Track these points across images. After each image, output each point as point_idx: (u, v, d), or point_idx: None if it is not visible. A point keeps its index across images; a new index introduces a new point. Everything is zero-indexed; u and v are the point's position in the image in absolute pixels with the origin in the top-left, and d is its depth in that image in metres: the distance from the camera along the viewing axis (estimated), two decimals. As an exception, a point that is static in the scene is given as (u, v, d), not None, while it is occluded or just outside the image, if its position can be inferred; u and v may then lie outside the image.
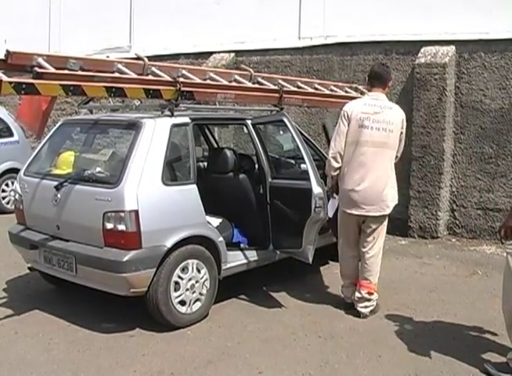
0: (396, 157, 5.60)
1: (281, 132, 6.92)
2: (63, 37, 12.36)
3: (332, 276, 6.79)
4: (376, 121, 5.40)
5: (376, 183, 5.41)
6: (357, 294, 5.60)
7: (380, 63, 6.89)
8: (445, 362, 4.67)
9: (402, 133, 5.55)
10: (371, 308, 5.61)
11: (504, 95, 8.39)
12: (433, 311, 5.76)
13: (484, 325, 5.35)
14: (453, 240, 8.66)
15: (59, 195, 5.35)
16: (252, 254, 5.98)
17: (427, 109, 8.52)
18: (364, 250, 5.61)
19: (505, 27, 8.27)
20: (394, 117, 5.48)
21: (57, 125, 6.19)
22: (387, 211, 5.51)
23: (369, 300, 5.59)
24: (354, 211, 5.48)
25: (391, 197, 5.51)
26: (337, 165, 5.51)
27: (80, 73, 4.94)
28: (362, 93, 8.09)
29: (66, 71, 4.86)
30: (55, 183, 5.41)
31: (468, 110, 8.66)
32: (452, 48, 8.67)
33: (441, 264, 7.39)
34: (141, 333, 5.17)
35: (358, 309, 5.57)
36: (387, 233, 5.59)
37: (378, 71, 5.69)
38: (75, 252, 5.16)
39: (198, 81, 5.90)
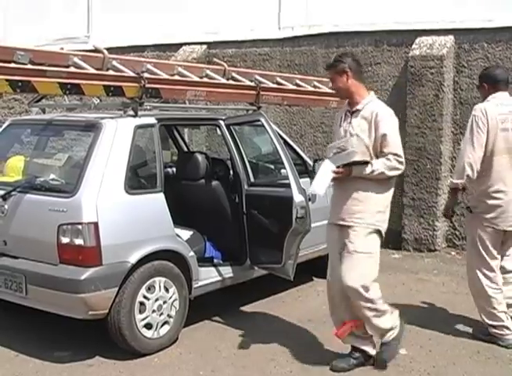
0: None
1: (258, 134, 6.95)
2: (9, 25, 12.18)
3: (317, 294, 6.81)
4: None
5: None
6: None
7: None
8: (444, 391, 4.72)
9: None
10: None
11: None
12: (430, 333, 5.79)
13: (490, 348, 5.40)
14: (453, 253, 8.72)
15: (6, 206, 5.31)
16: (227, 271, 5.98)
17: (423, 107, 8.59)
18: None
19: (510, 14, 8.31)
20: None
21: (4, 126, 6.17)
22: None
23: None
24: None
25: None
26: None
27: (29, 67, 4.92)
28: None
29: (13, 65, 4.83)
30: (2, 192, 5.37)
31: (468, 108, 8.68)
32: (450, 39, 8.75)
33: (440, 280, 7.44)
34: (101, 361, 5.14)
35: None
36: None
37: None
38: (25, 270, 5.11)
39: (165, 76, 5.90)
